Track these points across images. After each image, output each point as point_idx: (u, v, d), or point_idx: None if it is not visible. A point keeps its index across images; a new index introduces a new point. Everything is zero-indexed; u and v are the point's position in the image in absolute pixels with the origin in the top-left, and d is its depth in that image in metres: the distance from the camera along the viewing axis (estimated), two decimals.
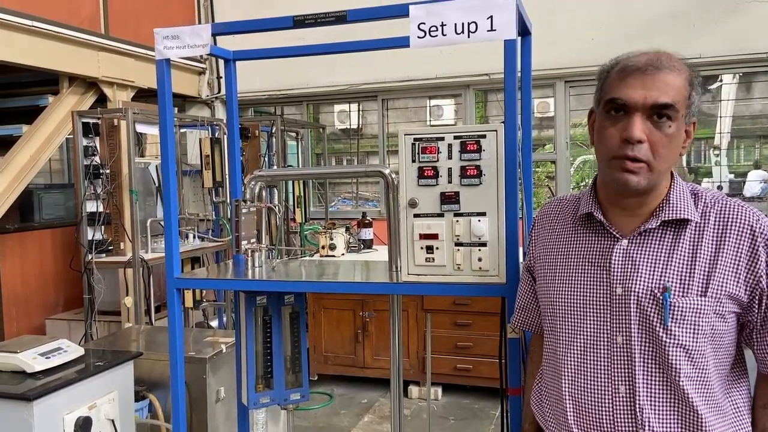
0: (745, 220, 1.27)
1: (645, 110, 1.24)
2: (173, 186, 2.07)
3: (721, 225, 1.28)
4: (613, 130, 1.27)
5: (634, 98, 1.24)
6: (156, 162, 4.68)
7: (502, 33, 1.67)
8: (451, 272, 1.79)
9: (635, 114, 1.25)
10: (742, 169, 5.21)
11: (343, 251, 4.78)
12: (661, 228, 1.30)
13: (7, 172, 4.02)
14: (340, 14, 1.85)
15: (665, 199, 1.31)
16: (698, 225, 1.29)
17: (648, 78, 1.25)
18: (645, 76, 1.25)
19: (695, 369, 1.25)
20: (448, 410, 4.31)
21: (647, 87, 1.24)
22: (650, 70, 1.25)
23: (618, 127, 1.27)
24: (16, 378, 2.27)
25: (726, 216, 1.28)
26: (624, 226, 1.34)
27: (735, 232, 1.27)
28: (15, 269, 4.64)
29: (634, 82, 1.25)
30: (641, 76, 1.25)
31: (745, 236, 1.26)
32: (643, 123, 1.25)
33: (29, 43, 4.05)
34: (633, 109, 1.25)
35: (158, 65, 2.00)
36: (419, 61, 5.14)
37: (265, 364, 2.22)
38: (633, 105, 1.25)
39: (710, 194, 1.33)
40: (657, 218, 1.30)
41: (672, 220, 1.29)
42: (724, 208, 1.29)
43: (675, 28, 4.64)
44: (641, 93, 1.24)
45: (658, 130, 1.25)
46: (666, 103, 1.24)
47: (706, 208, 1.30)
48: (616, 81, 1.28)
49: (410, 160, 1.80)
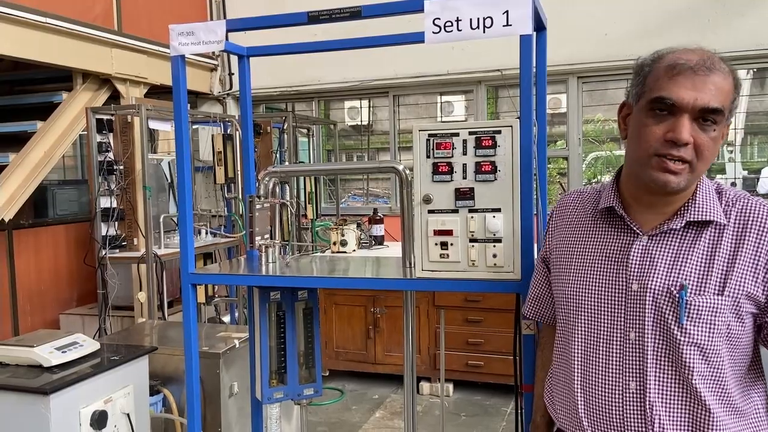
0: (766, 219, 1.25)
1: (693, 112, 1.21)
2: (188, 182, 2.07)
3: (741, 224, 1.26)
4: (657, 129, 1.23)
5: (686, 99, 1.20)
6: (168, 158, 4.70)
7: (517, 28, 1.66)
8: (465, 268, 1.78)
9: (683, 115, 1.21)
10: (756, 165, 5.16)
11: (354, 247, 4.78)
12: (684, 227, 1.29)
13: (22, 168, 4.05)
14: (354, 10, 1.84)
15: (691, 199, 1.29)
16: (719, 224, 1.27)
17: (699, 79, 1.20)
18: (696, 76, 1.21)
19: (710, 368, 1.24)
20: (460, 407, 4.31)
21: (698, 89, 1.20)
22: (702, 71, 1.21)
23: (662, 126, 1.23)
24: (33, 372, 2.29)
25: (746, 215, 1.27)
26: (645, 222, 1.32)
27: (755, 232, 1.25)
28: (29, 264, 4.68)
29: (685, 81, 1.21)
30: (693, 76, 1.21)
31: (764, 235, 1.25)
32: (691, 125, 1.21)
33: (43, 40, 4.07)
34: (682, 110, 1.21)
35: (173, 62, 2.01)
36: (431, 57, 5.13)
37: (278, 359, 2.23)
38: (684, 106, 1.21)
39: (733, 192, 1.31)
40: (682, 218, 1.28)
41: (697, 221, 1.28)
42: (746, 206, 1.28)
43: (689, 24, 4.60)
44: (692, 95, 1.20)
45: (704, 132, 1.22)
46: (715, 108, 1.20)
47: (728, 207, 1.29)
48: (665, 79, 1.23)
49: (425, 156, 1.79)
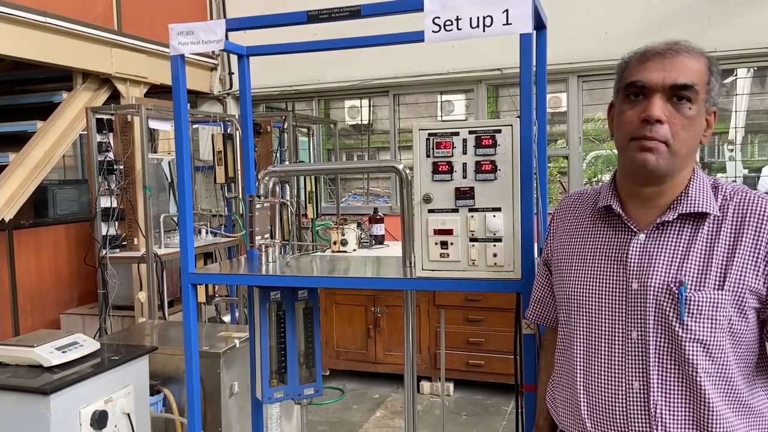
0: (764, 212, 1.25)
1: (664, 91, 1.25)
2: (188, 182, 2.07)
3: (740, 217, 1.26)
4: (632, 113, 1.28)
5: (654, 79, 1.25)
6: (169, 158, 4.70)
7: (517, 27, 1.65)
8: (465, 268, 1.78)
9: (655, 95, 1.25)
10: (757, 164, 5.15)
11: (354, 247, 4.78)
12: (680, 222, 1.29)
13: (22, 168, 4.05)
14: (354, 9, 1.84)
15: (684, 192, 1.29)
16: (717, 218, 1.27)
17: (667, 61, 1.26)
18: (664, 59, 1.26)
19: (714, 365, 1.23)
20: (460, 406, 4.31)
21: (666, 69, 1.25)
22: (670, 53, 1.26)
23: (637, 110, 1.27)
24: (33, 372, 2.29)
25: (744, 208, 1.26)
26: (642, 219, 1.33)
27: (753, 224, 1.24)
28: (30, 264, 4.68)
29: (653, 65, 1.26)
30: (660, 59, 1.26)
31: (763, 228, 1.24)
32: (663, 104, 1.25)
33: (43, 40, 4.07)
34: (653, 91, 1.25)
35: (173, 61, 2.00)
36: (431, 56, 5.12)
37: (279, 359, 2.23)
38: (653, 86, 1.25)
39: (730, 187, 1.31)
40: (675, 210, 1.28)
41: (690, 213, 1.28)
42: (743, 200, 1.28)
43: (690, 22, 4.59)
44: (661, 74, 1.25)
45: (678, 111, 1.25)
46: (685, 84, 1.24)
47: (725, 201, 1.29)
48: (636, 66, 1.29)
49: (425, 156, 1.79)
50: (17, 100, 4.80)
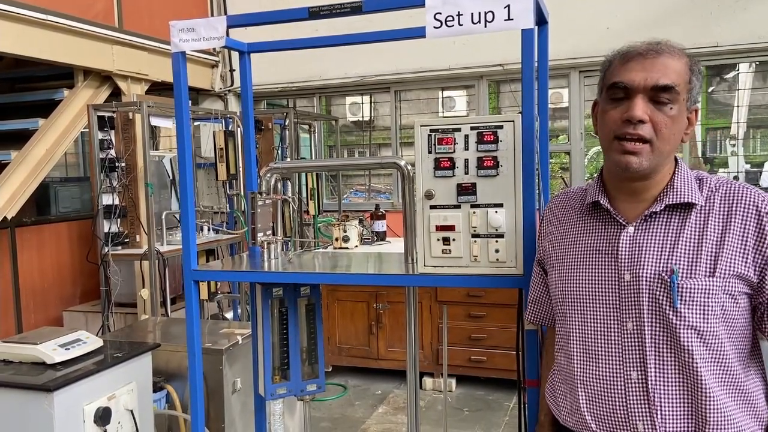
0: (751, 201, 1.28)
1: (646, 92, 1.27)
2: (189, 179, 2.07)
3: (727, 207, 1.29)
4: (615, 112, 1.30)
5: (636, 80, 1.27)
6: (170, 155, 4.70)
7: (519, 22, 1.65)
8: (468, 264, 1.78)
9: (637, 95, 1.27)
10: (759, 159, 5.14)
11: (356, 243, 4.78)
12: (667, 213, 1.32)
13: (24, 166, 4.06)
14: (355, 5, 1.83)
15: (669, 184, 1.32)
16: (703, 208, 1.30)
17: (648, 61, 1.28)
18: (645, 60, 1.28)
19: (709, 351, 1.26)
20: (462, 402, 4.31)
21: (648, 69, 1.27)
22: (651, 54, 1.28)
23: (619, 110, 1.29)
24: (36, 369, 2.29)
25: (731, 198, 1.30)
26: (630, 212, 1.36)
27: (741, 213, 1.28)
28: (32, 262, 4.69)
29: (635, 65, 1.29)
30: (642, 60, 1.28)
31: (751, 216, 1.27)
32: (645, 104, 1.27)
33: (44, 38, 4.07)
34: (635, 91, 1.27)
35: (174, 58, 2.00)
36: (432, 52, 5.11)
37: (281, 355, 2.23)
38: (635, 87, 1.27)
39: (715, 179, 1.35)
40: (661, 202, 1.31)
41: (676, 204, 1.31)
42: (729, 190, 1.31)
43: (692, 16, 4.58)
44: (642, 75, 1.27)
45: (660, 111, 1.27)
46: (667, 85, 1.26)
47: (711, 192, 1.32)
48: (618, 67, 1.31)
49: (426, 152, 1.79)
50: (19, 98, 4.81)
